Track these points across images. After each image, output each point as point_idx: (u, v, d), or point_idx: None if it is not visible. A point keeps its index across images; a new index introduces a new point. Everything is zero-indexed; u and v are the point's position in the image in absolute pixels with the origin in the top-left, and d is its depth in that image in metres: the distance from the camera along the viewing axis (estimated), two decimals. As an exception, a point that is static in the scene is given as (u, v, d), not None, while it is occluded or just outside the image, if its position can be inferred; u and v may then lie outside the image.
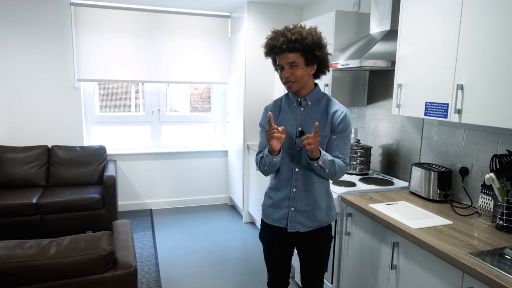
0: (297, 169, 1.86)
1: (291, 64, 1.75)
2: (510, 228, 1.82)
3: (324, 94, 1.91)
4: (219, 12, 4.74)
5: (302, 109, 1.87)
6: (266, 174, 1.90)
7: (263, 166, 1.85)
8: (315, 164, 1.74)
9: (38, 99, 4.24)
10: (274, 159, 1.79)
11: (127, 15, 4.44)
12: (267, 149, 1.79)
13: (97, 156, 4.25)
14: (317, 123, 1.66)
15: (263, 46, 1.83)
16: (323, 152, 1.74)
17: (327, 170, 1.77)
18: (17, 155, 4.00)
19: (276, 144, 1.72)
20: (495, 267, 1.46)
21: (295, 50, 1.72)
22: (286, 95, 1.95)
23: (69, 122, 4.39)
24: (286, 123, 1.87)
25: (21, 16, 4.05)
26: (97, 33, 4.38)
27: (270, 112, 1.72)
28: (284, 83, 1.80)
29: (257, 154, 1.96)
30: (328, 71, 1.90)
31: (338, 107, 1.86)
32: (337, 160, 1.81)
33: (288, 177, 1.88)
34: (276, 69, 1.86)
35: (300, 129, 1.85)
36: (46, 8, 4.12)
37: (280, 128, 1.70)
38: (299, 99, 1.88)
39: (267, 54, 1.82)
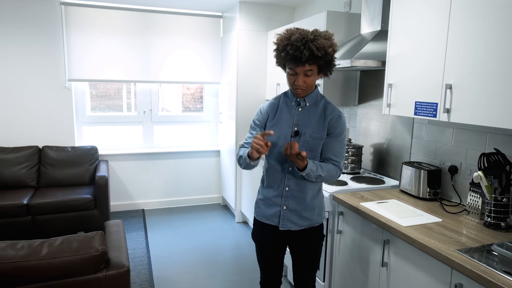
0: (290, 168, 1.88)
1: (306, 74, 1.75)
2: (497, 225, 1.86)
3: (322, 96, 1.93)
4: (211, 12, 4.74)
5: (300, 109, 1.88)
6: (243, 169, 1.95)
7: (241, 164, 1.90)
8: (299, 174, 1.81)
9: (29, 99, 4.21)
10: (252, 163, 1.84)
11: (119, 14, 4.43)
12: (247, 151, 1.82)
13: (89, 156, 4.23)
14: (304, 152, 1.68)
15: (279, 48, 1.76)
16: (310, 165, 1.76)
17: (313, 180, 1.83)
18: (8, 156, 3.97)
19: (256, 155, 1.76)
20: (483, 263, 1.49)
21: (315, 63, 1.73)
22: (285, 93, 1.96)
23: (60, 122, 4.36)
24: (283, 123, 1.89)
25: (11, 15, 4.01)
26: (89, 32, 4.35)
27: (271, 131, 1.70)
28: (294, 89, 1.82)
29: (241, 146, 1.98)
30: (329, 77, 1.91)
31: (336, 111, 1.88)
32: (328, 168, 1.84)
33: (282, 176, 1.89)
34: (283, 69, 1.86)
35: (295, 129, 1.87)
36: (37, 7, 4.08)
37: (269, 143, 1.70)
38: (298, 99, 1.89)
39: (288, 62, 1.74)
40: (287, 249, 2.78)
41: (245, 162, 1.84)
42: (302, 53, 1.67)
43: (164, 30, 4.63)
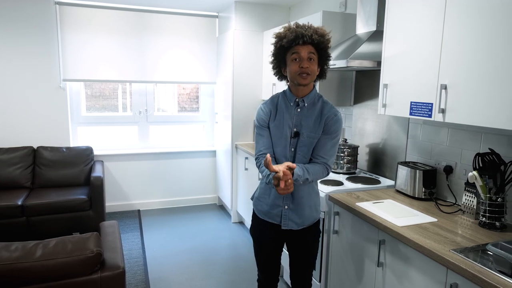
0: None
1: (310, 57, 1.78)
2: (492, 225, 1.86)
3: (320, 96, 1.93)
4: (206, 12, 4.73)
5: (299, 110, 1.89)
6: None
7: (267, 181, 1.86)
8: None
9: (23, 99, 4.18)
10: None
11: (114, 14, 4.41)
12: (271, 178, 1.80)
13: (84, 157, 4.21)
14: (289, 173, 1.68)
15: (282, 34, 1.81)
16: (296, 171, 1.75)
17: (300, 183, 1.82)
18: (2, 156, 3.94)
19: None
20: (478, 263, 1.49)
21: (317, 45, 1.78)
22: (283, 93, 1.95)
23: (55, 122, 4.33)
24: (283, 123, 1.90)
25: (4, 15, 3.98)
26: (83, 32, 4.33)
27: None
28: (298, 74, 1.79)
29: (259, 155, 1.94)
30: (325, 78, 1.93)
31: (332, 110, 1.89)
32: (314, 170, 1.84)
33: None
34: (279, 61, 1.87)
35: (295, 130, 1.88)
36: (31, 7, 4.06)
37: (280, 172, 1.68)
38: (297, 100, 1.89)
39: (290, 42, 1.77)
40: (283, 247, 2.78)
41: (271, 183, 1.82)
42: (307, 31, 1.76)
43: (160, 30, 4.62)
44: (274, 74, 1.95)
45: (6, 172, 3.90)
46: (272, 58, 1.90)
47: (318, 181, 2.65)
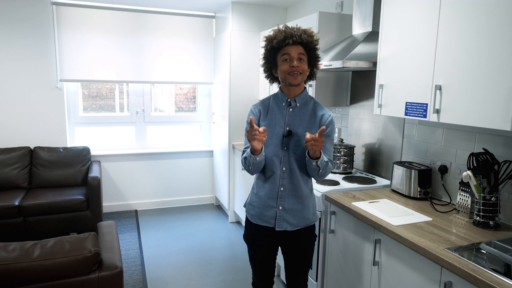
0: (284, 168, 1.89)
1: (300, 57, 1.82)
2: (486, 223, 1.89)
3: (311, 98, 1.97)
4: (203, 12, 4.74)
5: (290, 109, 1.91)
6: (252, 173, 1.92)
7: (248, 166, 1.88)
8: (313, 163, 1.78)
9: (20, 99, 4.17)
10: (258, 158, 1.82)
11: (111, 14, 4.41)
12: (249, 149, 1.83)
13: (81, 157, 4.21)
14: (324, 126, 1.69)
15: (272, 36, 1.85)
16: (322, 155, 1.79)
17: (320, 171, 1.83)
18: (-1, 157, 3.94)
19: (258, 145, 1.76)
20: (472, 261, 1.51)
21: (306, 46, 1.83)
22: (275, 95, 1.99)
23: (52, 123, 4.33)
24: (275, 123, 1.91)
25: (1, 15, 3.98)
26: (80, 32, 4.33)
27: (251, 116, 1.74)
28: (289, 74, 1.83)
29: (242, 153, 1.98)
30: (315, 78, 1.97)
31: (326, 111, 1.93)
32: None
33: (276, 176, 1.90)
34: (270, 62, 1.90)
35: (288, 129, 1.89)
36: (28, 7, 4.05)
37: (261, 129, 1.74)
38: (288, 100, 1.92)
39: (281, 42, 1.81)
40: (279, 249, 2.80)
41: (251, 160, 1.82)
42: (295, 31, 1.81)
43: (157, 30, 4.62)
44: (265, 77, 1.99)
45: (3, 172, 3.90)
46: (263, 61, 1.93)
47: (315, 181, 2.66)
